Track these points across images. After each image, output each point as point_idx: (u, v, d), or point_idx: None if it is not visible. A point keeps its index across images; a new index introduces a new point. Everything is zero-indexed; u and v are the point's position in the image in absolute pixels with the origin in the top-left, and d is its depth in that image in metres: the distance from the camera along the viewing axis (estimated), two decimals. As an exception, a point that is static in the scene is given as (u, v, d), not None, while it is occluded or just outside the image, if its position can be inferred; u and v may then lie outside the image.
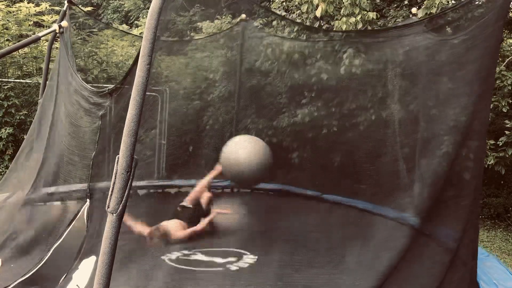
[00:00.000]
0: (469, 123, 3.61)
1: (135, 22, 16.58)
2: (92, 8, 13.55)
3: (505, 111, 6.50)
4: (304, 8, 7.29)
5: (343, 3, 6.83)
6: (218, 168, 5.26)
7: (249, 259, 4.25)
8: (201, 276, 3.87)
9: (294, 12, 8.08)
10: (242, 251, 4.42)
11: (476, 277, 3.65)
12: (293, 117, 6.68)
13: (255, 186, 6.13)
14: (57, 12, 10.82)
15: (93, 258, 3.38)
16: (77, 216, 3.74)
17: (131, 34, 11.46)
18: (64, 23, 4.51)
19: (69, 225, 3.69)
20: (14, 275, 3.40)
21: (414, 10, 5.84)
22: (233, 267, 4.03)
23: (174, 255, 4.30)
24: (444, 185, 3.67)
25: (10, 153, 8.32)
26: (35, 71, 9.34)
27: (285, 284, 3.69)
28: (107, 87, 7.88)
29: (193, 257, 4.31)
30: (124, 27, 15.22)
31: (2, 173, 7.81)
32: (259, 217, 5.53)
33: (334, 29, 6.87)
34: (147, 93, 2.04)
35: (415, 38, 4.57)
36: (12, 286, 3.25)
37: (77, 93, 4.14)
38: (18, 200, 4.37)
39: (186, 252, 4.40)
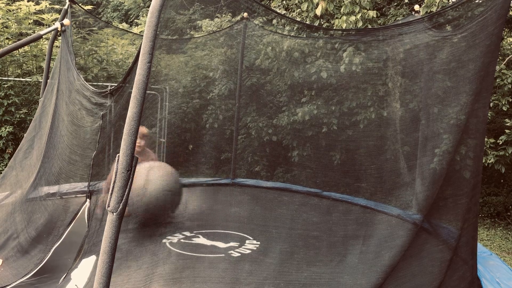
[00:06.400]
0: (468, 121, 3.60)
1: (135, 20, 16.57)
2: (92, 6, 13.51)
3: (505, 109, 6.50)
4: (304, 6, 7.28)
5: (343, 1, 6.83)
6: None
7: (251, 244, 4.21)
8: (202, 263, 3.79)
9: (294, 11, 8.06)
10: (245, 235, 4.39)
11: (477, 275, 3.65)
12: (293, 115, 6.69)
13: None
14: (57, 11, 10.82)
15: (92, 258, 3.37)
16: (77, 216, 3.73)
17: (131, 32, 11.43)
18: (66, 21, 4.49)
19: (69, 225, 3.67)
20: (14, 275, 3.38)
21: (417, 7, 5.84)
22: (235, 253, 3.97)
23: (175, 237, 4.22)
24: (443, 183, 3.67)
25: (10, 151, 8.32)
26: (35, 69, 9.33)
27: (286, 273, 3.62)
28: (107, 85, 7.93)
29: (195, 240, 4.22)
30: (124, 25, 15.22)
31: (2, 172, 7.79)
32: (260, 208, 5.51)
33: (334, 27, 6.86)
34: (147, 91, 2.02)
35: (415, 36, 4.56)
36: (12, 286, 3.24)
37: (79, 93, 4.11)
38: (17, 199, 4.34)
39: (187, 234, 4.33)
